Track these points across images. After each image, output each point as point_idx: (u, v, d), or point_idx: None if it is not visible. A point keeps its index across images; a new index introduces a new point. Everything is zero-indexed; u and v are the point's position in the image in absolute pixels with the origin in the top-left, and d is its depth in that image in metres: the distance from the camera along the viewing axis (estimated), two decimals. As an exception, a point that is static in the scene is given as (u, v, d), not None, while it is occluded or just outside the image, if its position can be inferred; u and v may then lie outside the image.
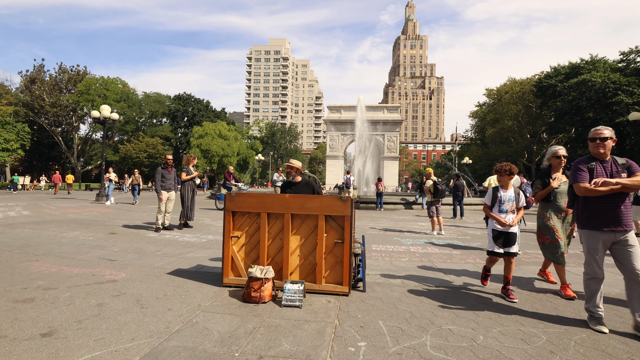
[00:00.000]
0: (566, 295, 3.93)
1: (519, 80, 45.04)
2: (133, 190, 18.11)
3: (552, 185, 4.14)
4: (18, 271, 4.44)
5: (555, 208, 4.18)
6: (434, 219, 9.02)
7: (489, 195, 4.05)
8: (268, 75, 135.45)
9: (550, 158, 4.35)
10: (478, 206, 18.01)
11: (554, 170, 4.29)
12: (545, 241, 4.22)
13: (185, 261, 5.28)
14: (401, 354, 2.51)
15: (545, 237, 4.21)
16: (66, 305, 3.29)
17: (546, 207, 4.25)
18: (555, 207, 4.18)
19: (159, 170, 8.37)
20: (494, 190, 4.04)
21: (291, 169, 4.61)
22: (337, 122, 35.91)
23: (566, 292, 3.95)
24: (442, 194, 9.11)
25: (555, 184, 4.13)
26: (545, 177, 4.27)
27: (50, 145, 52.82)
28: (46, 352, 2.39)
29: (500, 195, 3.95)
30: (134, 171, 19.07)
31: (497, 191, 4.02)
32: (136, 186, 18.10)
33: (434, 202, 9.06)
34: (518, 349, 2.62)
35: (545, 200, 4.24)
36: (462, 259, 5.97)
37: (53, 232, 7.56)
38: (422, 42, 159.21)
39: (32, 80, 46.59)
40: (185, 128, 61.64)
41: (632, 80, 30.65)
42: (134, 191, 18.01)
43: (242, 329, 2.86)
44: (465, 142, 59.22)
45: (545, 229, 4.20)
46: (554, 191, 4.17)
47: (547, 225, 4.18)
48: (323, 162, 70.32)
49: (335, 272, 3.88)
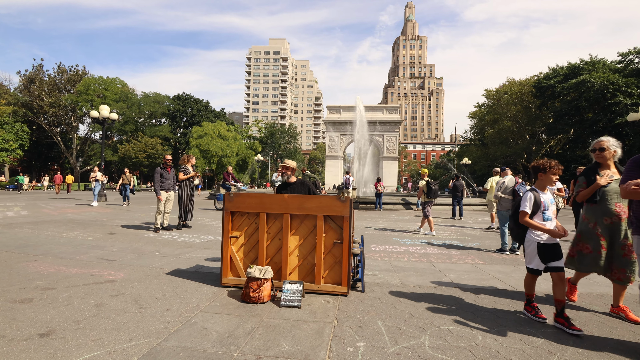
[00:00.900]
0: (571, 300, 3.73)
1: (518, 80, 45.16)
2: (123, 190, 16.31)
3: (598, 182, 3.41)
4: (16, 271, 4.43)
5: (603, 211, 3.43)
6: (429, 219, 9.08)
7: (527, 200, 3.20)
8: (267, 76, 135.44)
9: (593, 152, 3.64)
10: (477, 206, 18.04)
11: (602, 167, 3.56)
12: (584, 250, 3.50)
13: (184, 261, 5.28)
14: (400, 354, 2.51)
15: (585, 245, 3.49)
16: (64, 305, 3.28)
17: (592, 210, 3.52)
18: (603, 210, 3.43)
19: (158, 171, 8.36)
20: (534, 193, 3.22)
21: (286, 169, 4.57)
22: (337, 122, 35.94)
23: (571, 297, 3.77)
24: (435, 194, 9.26)
25: (602, 181, 3.39)
26: (591, 173, 3.55)
27: (49, 145, 52.78)
28: (44, 352, 2.38)
29: (543, 200, 3.18)
30: (125, 170, 17.39)
31: (537, 194, 3.22)
32: (127, 186, 16.34)
33: (428, 202, 9.19)
34: (516, 349, 2.62)
35: (590, 202, 3.53)
36: (461, 259, 5.97)
37: (52, 232, 7.55)
38: (422, 42, 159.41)
39: (31, 80, 46.57)
40: (184, 128, 61.64)
41: (630, 81, 30.76)
42: (124, 192, 16.25)
43: (241, 329, 2.86)
44: (465, 142, 59.32)
45: (588, 235, 3.48)
46: (600, 190, 3.45)
47: (592, 232, 3.46)
48: (322, 163, 70.29)
49: (334, 272, 3.88)
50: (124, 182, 16.36)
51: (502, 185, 6.97)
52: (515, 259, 6.18)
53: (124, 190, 16.21)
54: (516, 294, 4.04)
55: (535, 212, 3.18)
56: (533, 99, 40.95)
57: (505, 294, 4.04)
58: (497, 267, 5.44)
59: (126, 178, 16.42)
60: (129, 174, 16.81)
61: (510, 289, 4.27)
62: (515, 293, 4.09)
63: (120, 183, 16.60)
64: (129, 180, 16.44)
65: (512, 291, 4.17)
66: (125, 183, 16.31)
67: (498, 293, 4.08)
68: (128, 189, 16.29)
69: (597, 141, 3.63)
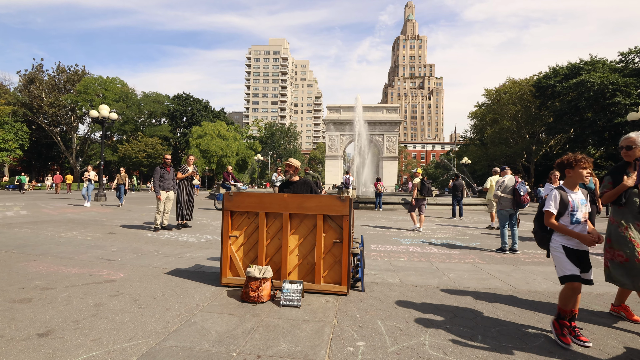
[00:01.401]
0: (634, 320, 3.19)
1: (517, 80, 45.14)
2: (118, 190, 15.69)
3: (625, 183, 3.13)
4: (15, 271, 4.42)
5: (634, 215, 3.14)
6: (412, 214, 9.56)
7: (553, 200, 2.79)
8: (267, 75, 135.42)
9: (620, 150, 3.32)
10: (477, 206, 18.04)
11: (631, 167, 3.27)
12: (617, 258, 3.13)
13: (184, 261, 5.27)
14: (400, 354, 2.50)
15: (618, 253, 3.13)
16: (64, 305, 3.27)
17: (621, 213, 3.21)
18: (634, 214, 3.14)
19: (158, 170, 8.35)
20: (560, 192, 2.81)
21: (289, 167, 4.59)
22: (336, 122, 35.94)
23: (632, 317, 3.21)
24: (428, 192, 9.60)
25: (630, 182, 3.13)
26: (618, 173, 3.26)
27: (49, 145, 52.74)
28: (43, 352, 2.38)
29: (571, 199, 2.77)
30: (121, 169, 16.71)
31: (565, 193, 2.80)
32: (122, 186, 15.69)
33: (421, 200, 9.55)
34: (517, 349, 2.62)
35: (617, 204, 3.24)
36: (461, 259, 5.97)
37: (51, 232, 7.54)
38: (421, 42, 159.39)
39: (31, 79, 46.51)
40: (184, 128, 61.61)
41: (630, 81, 30.77)
42: (120, 192, 15.58)
43: (241, 329, 2.85)
44: (464, 142, 59.31)
45: (621, 241, 3.12)
46: (628, 192, 3.17)
47: (624, 237, 3.11)
48: (322, 162, 70.31)
49: (334, 271, 3.87)
50: (119, 182, 15.87)
51: (502, 185, 6.96)
52: (515, 258, 6.18)
53: (118, 191, 15.73)
54: (516, 293, 4.04)
55: (562, 214, 2.77)
56: (533, 99, 40.94)
57: (505, 293, 4.03)
58: (497, 267, 5.44)
59: (121, 178, 15.89)
60: (125, 173, 16.31)
61: (511, 288, 4.26)
62: (515, 292, 4.08)
63: (116, 183, 16.11)
64: (123, 180, 15.90)
65: (512, 290, 4.16)
66: (121, 183, 15.79)
67: (498, 292, 4.07)
68: (123, 188, 15.74)
69: (625, 138, 3.30)
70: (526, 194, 6.59)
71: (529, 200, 6.85)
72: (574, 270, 2.67)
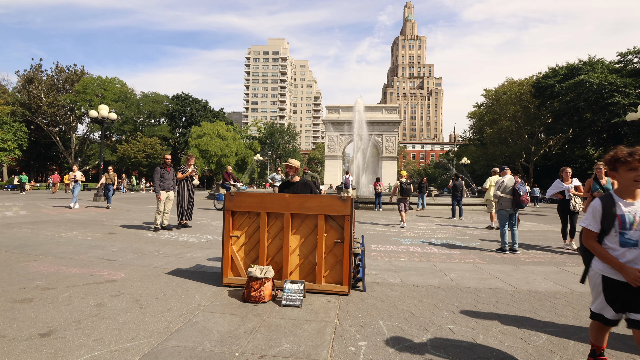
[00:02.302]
0: None
1: (517, 80, 45.29)
2: (106, 191, 14.61)
3: None
4: (16, 271, 4.41)
5: None
6: (402, 213, 10.46)
7: (594, 212, 2.09)
8: (267, 76, 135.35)
9: None
10: (476, 206, 18.06)
11: None
12: None
13: (185, 261, 5.27)
14: (401, 354, 2.51)
15: None
16: (65, 305, 3.27)
17: None
18: None
19: (158, 170, 8.35)
20: (606, 202, 2.06)
21: (290, 168, 4.59)
22: (336, 122, 35.94)
23: None
24: (408, 193, 10.71)
25: None
26: None
27: (48, 145, 52.65)
28: (45, 352, 2.38)
29: (623, 212, 2.00)
30: (109, 168, 15.48)
31: (611, 203, 2.04)
32: (110, 186, 14.59)
33: (402, 200, 10.58)
34: (518, 348, 2.63)
35: None
36: (461, 259, 5.98)
37: (51, 232, 7.53)
38: (421, 42, 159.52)
39: (30, 79, 46.41)
40: (183, 128, 61.50)
41: (628, 81, 30.89)
42: (108, 192, 14.51)
43: (242, 329, 2.86)
44: (464, 142, 59.41)
45: None
46: None
47: None
48: (321, 163, 70.24)
49: (335, 271, 3.87)
50: (106, 182, 14.70)
51: (502, 185, 6.97)
52: (515, 258, 6.19)
53: (106, 191, 14.68)
54: (516, 293, 4.05)
55: (608, 231, 2.03)
56: (532, 99, 41.05)
57: (505, 293, 4.04)
58: (497, 267, 5.45)
59: (109, 177, 14.73)
60: (113, 172, 15.19)
61: (511, 288, 4.27)
62: (515, 292, 4.09)
63: (102, 182, 15.08)
64: (112, 179, 14.75)
65: (512, 290, 4.17)
66: (109, 183, 14.65)
67: (499, 292, 4.08)
68: (111, 189, 14.64)
69: None
70: (526, 194, 6.61)
71: (529, 200, 6.86)
72: (604, 309, 2.08)
